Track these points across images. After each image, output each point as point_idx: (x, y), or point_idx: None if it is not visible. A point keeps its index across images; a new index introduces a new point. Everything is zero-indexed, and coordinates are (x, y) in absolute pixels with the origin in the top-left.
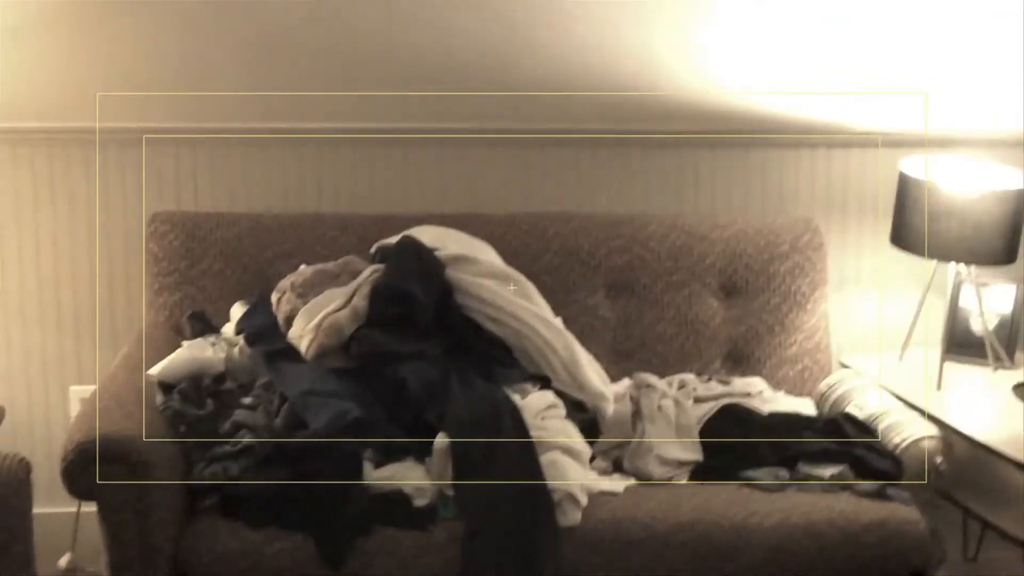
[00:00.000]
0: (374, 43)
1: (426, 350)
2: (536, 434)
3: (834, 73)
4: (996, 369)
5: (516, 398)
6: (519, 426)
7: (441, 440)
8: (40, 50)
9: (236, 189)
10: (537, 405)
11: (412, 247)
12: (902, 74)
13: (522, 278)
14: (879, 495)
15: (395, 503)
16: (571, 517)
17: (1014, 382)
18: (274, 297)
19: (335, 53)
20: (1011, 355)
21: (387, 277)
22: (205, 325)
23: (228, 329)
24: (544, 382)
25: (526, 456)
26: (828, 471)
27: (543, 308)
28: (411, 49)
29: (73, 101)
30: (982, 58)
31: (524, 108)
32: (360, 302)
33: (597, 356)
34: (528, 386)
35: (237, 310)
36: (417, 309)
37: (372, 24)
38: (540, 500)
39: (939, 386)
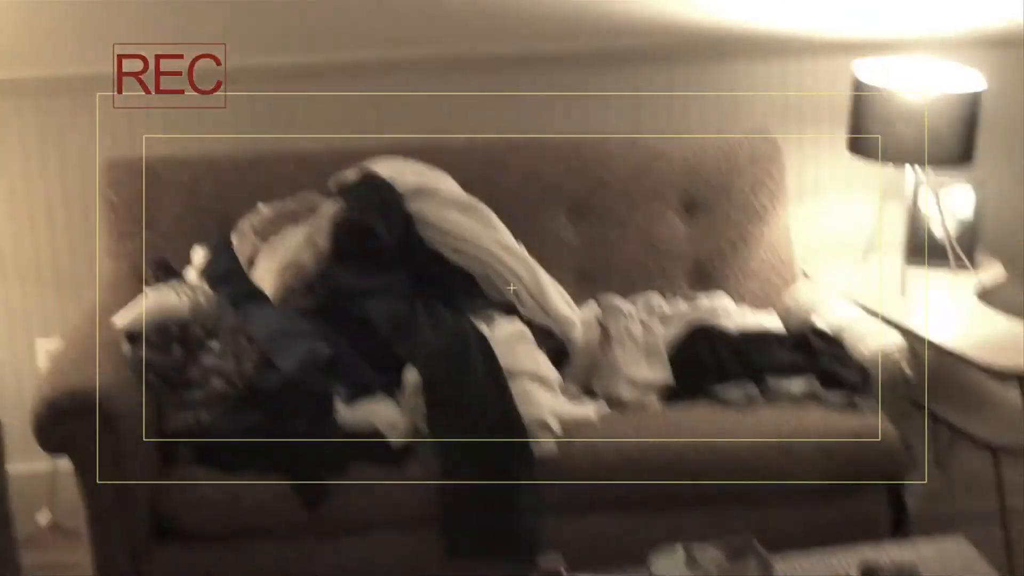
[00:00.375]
0: None
1: (391, 284)
2: (505, 363)
3: None
4: (957, 273)
5: (484, 328)
6: (488, 356)
7: (411, 374)
8: None
9: (189, 131)
10: (505, 334)
11: (371, 181)
12: None
13: (482, 205)
14: (848, 406)
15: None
16: (546, 448)
17: (976, 285)
18: (235, 239)
19: None
20: (971, 258)
21: (348, 213)
22: (168, 271)
23: (191, 274)
24: (511, 310)
25: (497, 385)
26: (796, 384)
27: (505, 235)
28: None
29: (23, 48)
30: None
31: (479, 30)
32: (322, 240)
33: (561, 280)
34: (495, 315)
35: (198, 254)
36: (380, 243)
37: None
38: (514, 432)
39: (902, 292)
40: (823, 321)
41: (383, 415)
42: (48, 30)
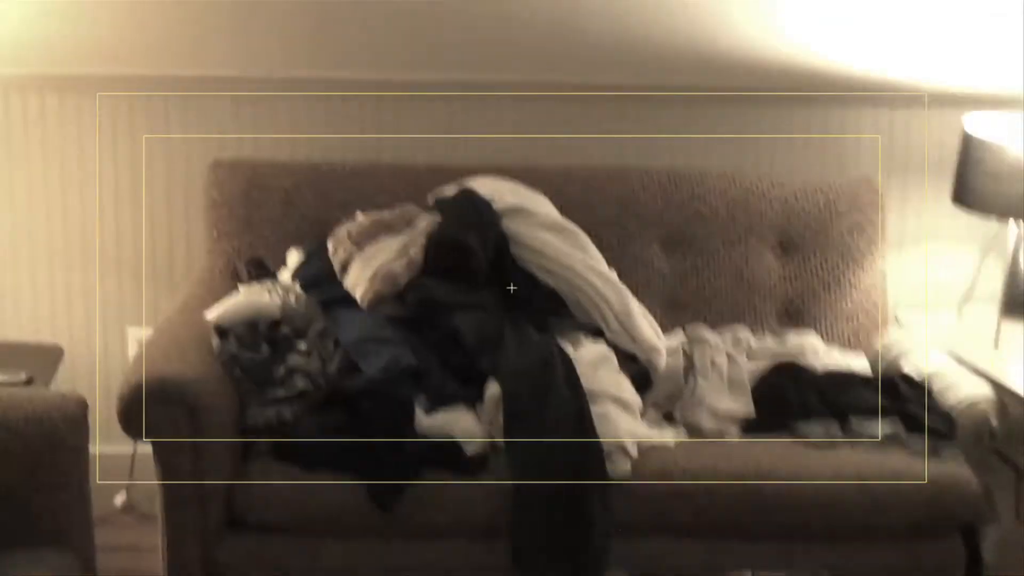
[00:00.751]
0: None
1: (481, 300)
2: (588, 385)
3: (894, 29)
4: None
5: (569, 349)
6: (571, 376)
7: (493, 388)
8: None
9: (296, 139)
10: (589, 356)
11: (469, 198)
12: (962, 30)
13: (577, 229)
14: (931, 453)
15: (446, 450)
16: (621, 469)
17: None
18: (330, 245)
19: (391, 5)
20: None
21: (444, 228)
22: (262, 271)
23: (284, 275)
24: (597, 334)
25: (577, 406)
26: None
27: (597, 260)
28: (467, 2)
29: (134, 47)
30: None
31: (581, 61)
32: (416, 252)
33: (651, 309)
34: (581, 337)
35: (293, 256)
36: (473, 260)
37: None
38: (590, 451)
39: (996, 345)
40: (912, 367)
41: (462, 426)
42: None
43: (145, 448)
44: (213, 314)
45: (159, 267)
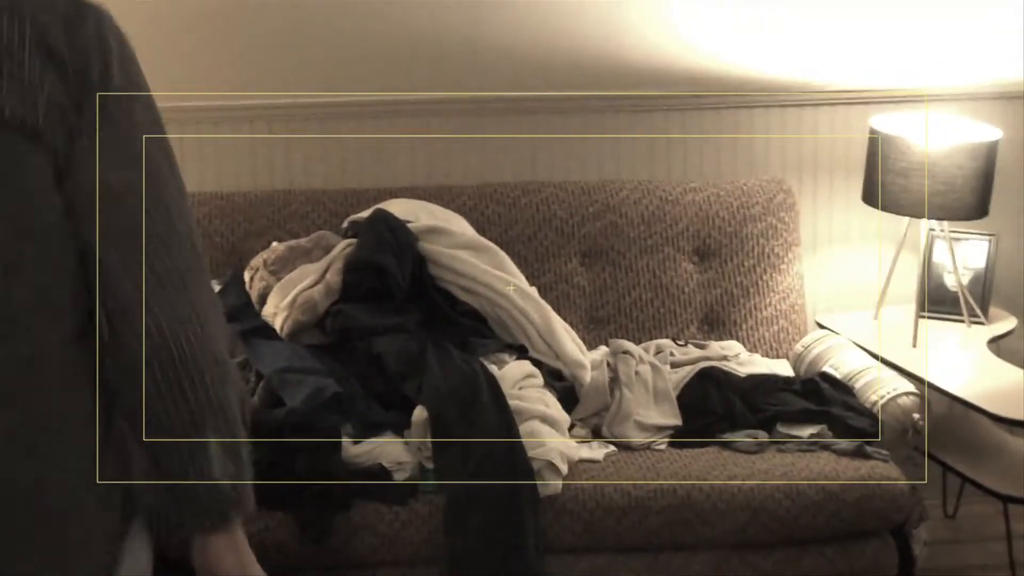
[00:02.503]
0: (340, 15)
1: (402, 323)
2: (514, 404)
3: (802, 32)
4: (970, 325)
5: (493, 368)
6: (497, 396)
7: (420, 413)
8: None
9: (205, 168)
10: (514, 375)
11: (383, 220)
12: (869, 31)
13: (495, 247)
14: (857, 453)
15: (376, 478)
16: (552, 486)
17: (988, 337)
18: (247, 275)
19: (300, 25)
20: (985, 310)
21: (360, 250)
22: None
23: None
24: (521, 352)
25: (504, 426)
26: (806, 431)
27: (517, 278)
28: (376, 20)
29: None
30: (950, 14)
31: (492, 75)
32: (334, 277)
33: (573, 324)
34: (505, 356)
35: None
36: (391, 282)
37: None
38: (520, 470)
39: (915, 343)
40: (833, 369)
41: (389, 453)
42: None
43: None
44: None
45: None
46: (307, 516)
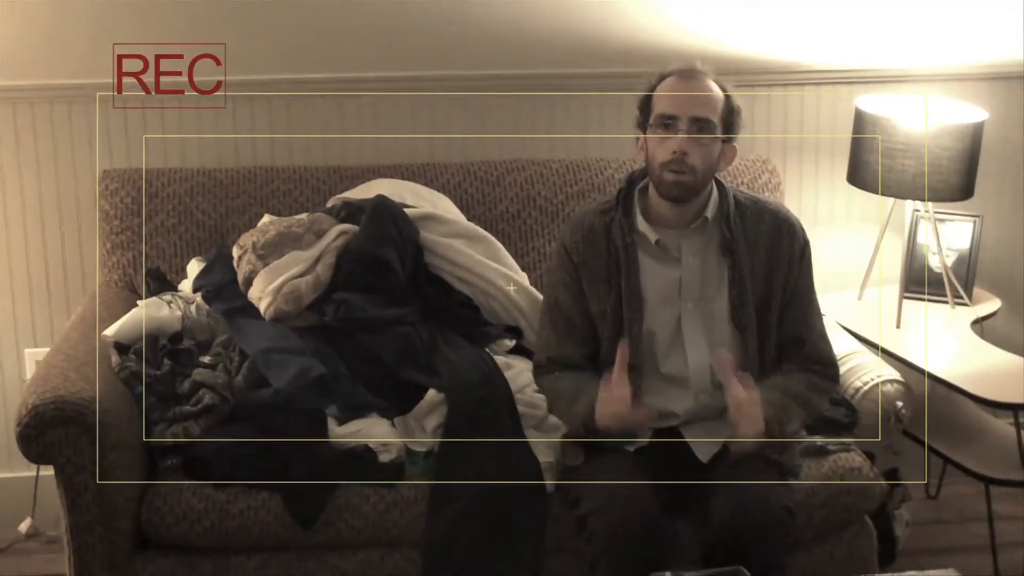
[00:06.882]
0: None
1: (404, 315)
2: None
3: (788, 12)
4: (954, 306)
5: (499, 359)
6: (509, 397)
7: (433, 395)
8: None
9: (187, 144)
10: (520, 382)
11: (388, 212)
12: (855, 11)
13: (490, 237)
14: (820, 453)
15: (361, 459)
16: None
17: (972, 318)
18: (235, 253)
19: (284, 3)
20: (969, 292)
21: (364, 243)
22: (161, 282)
23: (185, 286)
24: (518, 334)
25: (513, 421)
26: None
27: (512, 269)
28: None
29: (20, 57)
30: None
31: (476, 54)
32: (324, 270)
33: None
34: (506, 340)
35: (194, 267)
36: (392, 277)
37: None
38: (528, 465)
39: (898, 324)
40: None
41: (376, 433)
42: (47, 34)
43: (49, 472)
44: (111, 331)
45: (55, 285)
46: (296, 497)
